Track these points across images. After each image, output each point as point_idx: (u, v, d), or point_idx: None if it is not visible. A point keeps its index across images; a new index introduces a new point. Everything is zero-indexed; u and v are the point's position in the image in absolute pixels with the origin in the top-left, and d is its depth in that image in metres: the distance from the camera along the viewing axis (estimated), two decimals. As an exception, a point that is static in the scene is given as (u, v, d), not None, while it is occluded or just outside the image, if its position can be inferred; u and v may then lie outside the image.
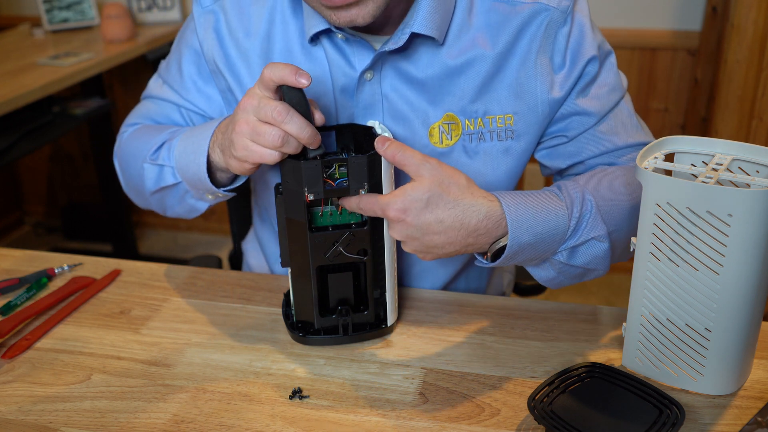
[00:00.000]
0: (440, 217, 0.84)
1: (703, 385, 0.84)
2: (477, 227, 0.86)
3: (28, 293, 1.07)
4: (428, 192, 0.84)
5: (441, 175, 0.85)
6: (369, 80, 0.97)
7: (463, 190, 0.86)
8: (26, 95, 2.08)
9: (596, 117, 1.02)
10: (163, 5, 2.76)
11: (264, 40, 1.01)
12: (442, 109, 0.99)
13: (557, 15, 0.97)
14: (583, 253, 0.93)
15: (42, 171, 3.27)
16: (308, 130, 0.84)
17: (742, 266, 0.77)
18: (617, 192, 0.95)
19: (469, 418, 0.83)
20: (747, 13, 2.12)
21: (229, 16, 1.02)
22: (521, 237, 0.87)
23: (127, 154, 1.10)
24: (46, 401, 0.87)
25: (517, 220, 0.87)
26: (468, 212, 0.85)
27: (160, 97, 1.11)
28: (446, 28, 0.96)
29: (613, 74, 1.03)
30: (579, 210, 0.91)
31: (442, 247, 0.87)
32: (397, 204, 0.84)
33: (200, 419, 0.83)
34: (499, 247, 0.89)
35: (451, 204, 0.85)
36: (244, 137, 0.86)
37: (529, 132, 1.01)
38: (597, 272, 0.97)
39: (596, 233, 0.92)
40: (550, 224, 0.89)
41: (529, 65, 0.98)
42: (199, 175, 0.96)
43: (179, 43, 1.10)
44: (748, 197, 0.73)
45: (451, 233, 0.85)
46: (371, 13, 0.88)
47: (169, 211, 1.10)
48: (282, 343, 0.96)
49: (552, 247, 0.91)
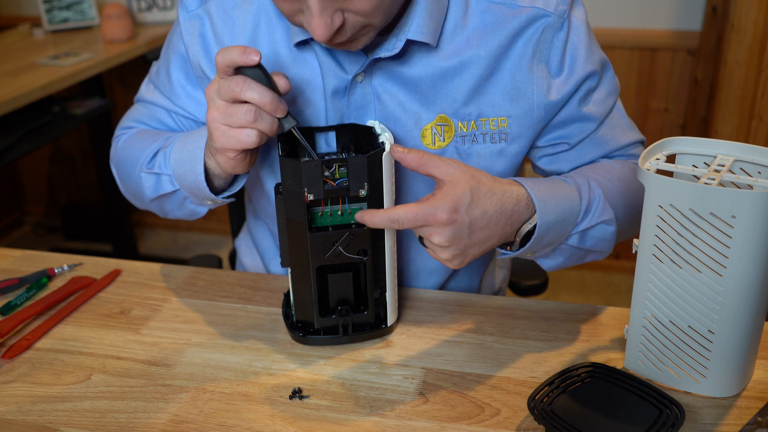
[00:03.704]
0: (484, 208, 0.85)
1: (706, 387, 0.84)
2: (513, 212, 0.87)
3: (28, 293, 1.07)
4: (468, 187, 0.84)
5: (469, 169, 0.86)
6: (360, 82, 0.97)
7: (491, 179, 0.87)
8: (26, 95, 2.08)
9: (597, 122, 1.03)
10: (163, 5, 2.76)
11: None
12: (434, 111, 0.98)
13: (554, 20, 0.96)
14: (593, 237, 0.95)
15: (42, 171, 3.27)
16: (269, 95, 0.83)
17: (745, 268, 0.76)
18: (617, 183, 0.99)
19: (469, 418, 0.83)
20: (747, 13, 2.12)
21: (215, 21, 1.01)
22: (548, 217, 0.89)
23: (123, 161, 1.10)
24: (46, 401, 0.87)
25: (542, 200, 0.89)
26: (504, 199, 0.87)
27: (152, 101, 1.11)
28: (440, 31, 0.95)
29: (610, 80, 1.05)
30: (588, 194, 0.94)
31: (482, 244, 0.87)
32: (447, 205, 0.82)
33: (200, 419, 0.83)
34: (526, 231, 0.90)
35: (489, 194, 0.85)
36: (219, 123, 0.86)
37: (523, 135, 1.01)
38: (601, 254, 0.99)
39: (606, 217, 0.95)
40: (566, 204, 0.91)
41: (525, 69, 0.97)
42: (197, 183, 0.96)
43: (167, 48, 1.09)
44: (752, 198, 0.73)
45: (492, 224, 0.86)
46: (363, 44, 0.90)
47: (170, 214, 1.10)
48: (282, 343, 0.96)
49: (567, 230, 0.92)
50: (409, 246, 1.08)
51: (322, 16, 0.82)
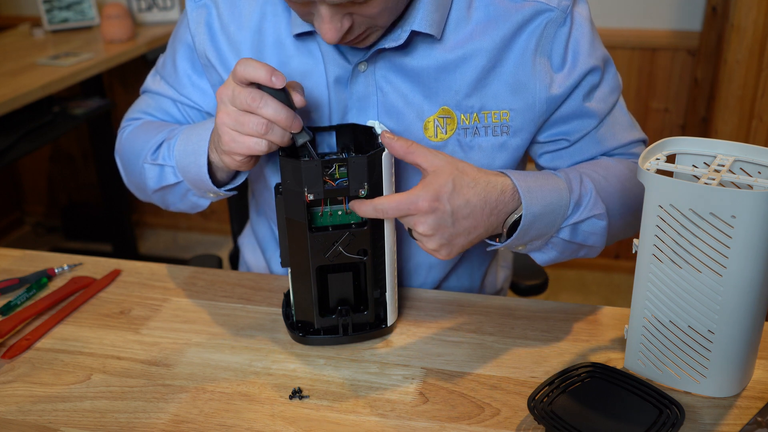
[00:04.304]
0: (467, 197, 0.85)
1: (706, 387, 0.84)
2: (497, 202, 0.88)
3: (28, 293, 1.07)
4: (451, 177, 0.85)
5: (454, 161, 0.87)
6: (363, 72, 0.98)
7: (476, 170, 0.88)
8: (26, 95, 2.08)
9: (597, 119, 1.03)
10: (163, 5, 2.75)
11: (255, 33, 1.01)
12: (437, 103, 0.99)
13: (557, 14, 0.97)
14: (584, 231, 0.96)
15: (42, 171, 3.27)
16: (284, 113, 0.85)
17: (746, 268, 0.76)
18: (612, 181, 0.99)
19: (469, 418, 0.83)
20: (747, 13, 2.12)
21: (221, 10, 1.02)
22: (533, 207, 0.89)
23: (127, 152, 1.11)
24: (46, 401, 0.87)
25: (528, 191, 0.89)
26: (488, 188, 0.87)
27: (157, 92, 1.12)
28: (444, 23, 0.96)
29: (612, 77, 1.05)
30: (579, 188, 0.94)
31: (468, 234, 0.87)
32: (429, 194, 0.84)
33: (200, 419, 0.83)
34: (512, 222, 0.90)
35: (473, 183, 0.86)
36: (228, 128, 0.87)
37: (524, 128, 1.01)
38: (593, 249, 1.00)
39: (597, 211, 0.95)
40: (554, 196, 0.91)
41: (527, 62, 0.98)
42: (201, 176, 0.97)
43: (174, 39, 1.10)
44: (752, 198, 0.73)
45: (477, 213, 0.87)
46: (371, 42, 0.93)
47: (171, 207, 1.11)
48: (282, 343, 0.96)
49: (557, 222, 0.93)
50: (409, 241, 1.09)
51: (332, 22, 0.85)
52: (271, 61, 1.00)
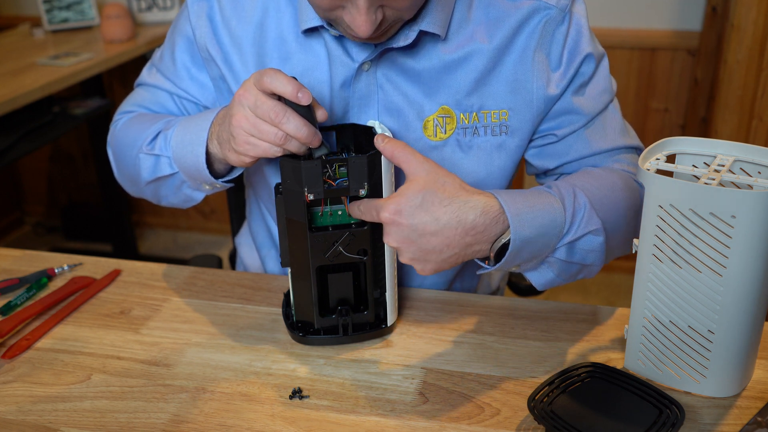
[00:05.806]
0: (436, 215, 0.82)
1: (706, 387, 0.84)
2: (474, 224, 0.84)
3: (28, 293, 1.07)
4: (422, 191, 0.83)
5: (436, 174, 0.84)
6: (366, 71, 0.98)
7: (457, 188, 0.84)
8: (26, 95, 2.08)
9: (586, 117, 1.02)
10: (163, 5, 2.75)
11: (257, 28, 1.01)
12: (437, 102, 0.99)
13: (556, 13, 0.97)
14: (581, 249, 0.91)
15: (42, 171, 3.27)
16: (305, 130, 0.84)
17: (746, 268, 0.76)
18: (606, 192, 0.94)
19: (469, 418, 0.83)
20: (747, 13, 2.12)
21: (223, 4, 1.02)
22: (523, 231, 0.85)
23: (121, 143, 1.10)
24: (46, 401, 0.87)
25: (517, 215, 0.85)
26: (464, 208, 0.83)
27: (154, 84, 1.11)
28: (448, 23, 0.96)
29: (605, 77, 1.04)
30: (572, 204, 0.89)
31: (441, 252, 0.84)
32: (391, 206, 0.82)
33: (200, 419, 0.83)
34: (500, 246, 0.86)
35: (447, 201, 0.83)
36: (245, 132, 0.86)
37: (522, 128, 1.01)
38: (593, 268, 0.94)
39: (592, 227, 0.90)
40: (547, 217, 0.87)
41: (527, 62, 0.98)
42: (198, 166, 0.96)
43: (173, 32, 1.10)
44: (752, 198, 0.73)
45: (447, 232, 0.83)
46: (388, 37, 0.93)
47: (163, 200, 1.10)
48: (282, 343, 0.96)
49: (551, 242, 0.88)
50: None
51: (368, 14, 0.84)
52: (273, 57, 1.00)
